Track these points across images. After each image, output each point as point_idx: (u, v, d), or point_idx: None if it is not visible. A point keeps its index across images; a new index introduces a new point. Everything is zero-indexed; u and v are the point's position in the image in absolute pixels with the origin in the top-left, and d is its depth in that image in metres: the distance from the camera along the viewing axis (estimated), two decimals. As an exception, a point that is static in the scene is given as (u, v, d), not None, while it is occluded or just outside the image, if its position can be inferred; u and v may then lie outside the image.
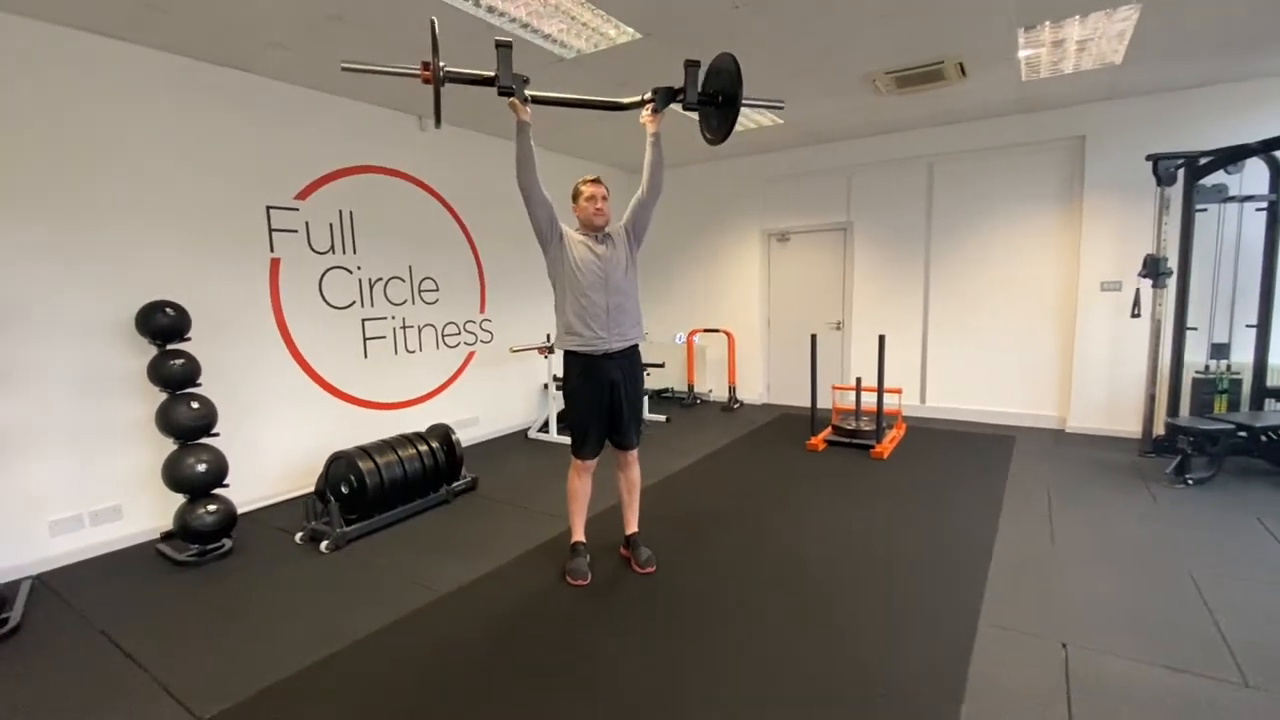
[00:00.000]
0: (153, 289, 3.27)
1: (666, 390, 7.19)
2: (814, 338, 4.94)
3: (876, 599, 2.58)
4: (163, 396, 3.10)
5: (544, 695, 2.02)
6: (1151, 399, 4.46)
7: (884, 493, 3.85)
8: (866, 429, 4.83)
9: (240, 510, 3.65)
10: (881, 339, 4.69)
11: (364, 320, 4.49)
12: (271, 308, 3.93)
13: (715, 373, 7.01)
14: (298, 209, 4.03)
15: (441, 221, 5.05)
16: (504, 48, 2.29)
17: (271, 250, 3.91)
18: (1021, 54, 3.78)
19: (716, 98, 2.49)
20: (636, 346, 2.82)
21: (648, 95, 2.55)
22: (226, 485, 3.19)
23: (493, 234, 5.41)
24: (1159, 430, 4.41)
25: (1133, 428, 4.76)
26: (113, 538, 3.27)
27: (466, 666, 2.20)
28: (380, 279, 4.58)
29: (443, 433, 3.94)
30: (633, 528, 2.99)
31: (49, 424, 3.05)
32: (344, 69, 2.23)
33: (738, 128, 5.26)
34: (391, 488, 3.47)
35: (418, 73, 2.21)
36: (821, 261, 6.35)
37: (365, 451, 3.46)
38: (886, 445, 4.66)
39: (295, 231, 4.03)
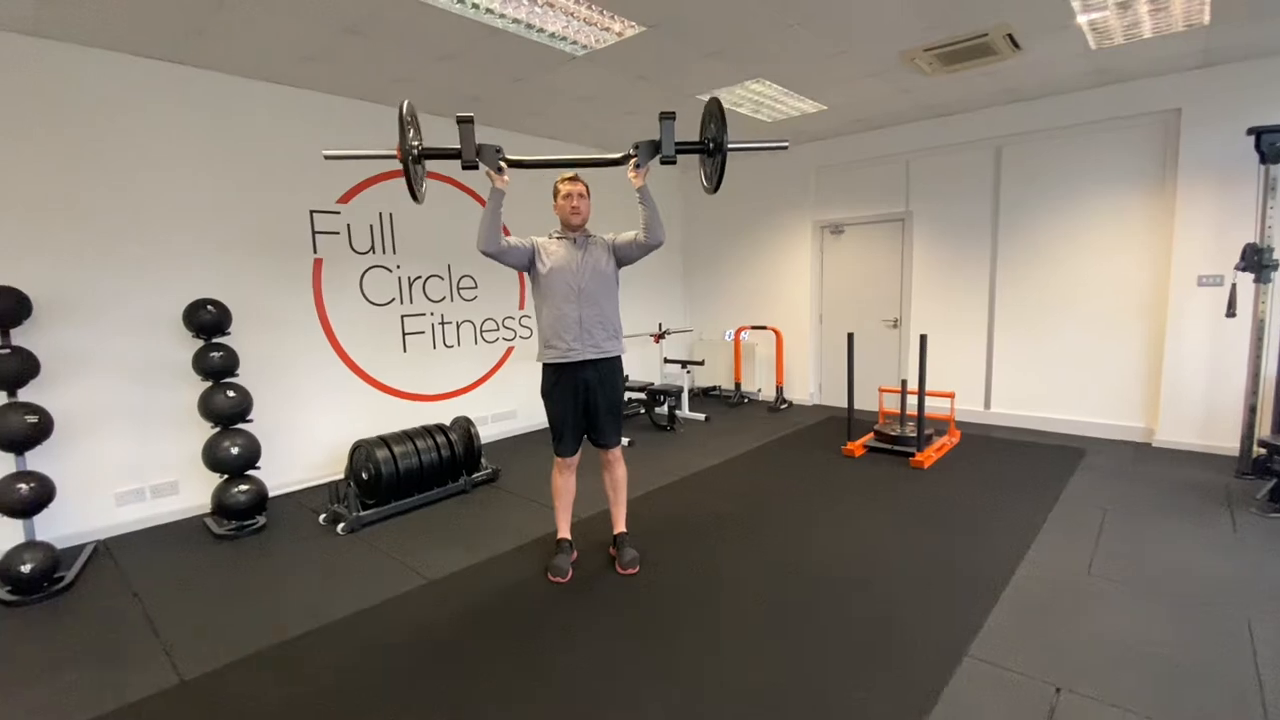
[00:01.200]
0: (204, 288, 3.61)
1: (714, 388, 7.05)
2: (850, 336, 4.66)
3: (862, 617, 2.40)
4: (205, 385, 3.43)
5: (488, 687, 2.05)
6: (1252, 411, 3.84)
7: (911, 505, 3.57)
8: (910, 435, 4.50)
9: (283, 491, 4.02)
10: (923, 339, 4.34)
11: (403, 316, 4.74)
12: (314, 305, 4.24)
13: (765, 371, 6.79)
14: (339, 212, 4.31)
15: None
16: (465, 123, 2.33)
17: (315, 251, 4.21)
18: (1081, 19, 3.35)
19: (707, 145, 2.39)
20: (618, 358, 2.80)
21: (631, 151, 2.48)
22: (258, 467, 3.49)
23: (532, 232, 5.49)
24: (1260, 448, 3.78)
25: (1232, 444, 4.12)
26: (170, 510, 3.67)
27: (422, 653, 2.26)
28: (419, 277, 4.81)
29: (463, 426, 4.08)
30: (620, 527, 2.97)
31: (117, 407, 3.46)
32: (326, 157, 2.36)
33: (779, 115, 5.13)
34: (407, 476, 3.65)
35: (393, 154, 2.28)
36: (877, 255, 5.97)
37: (384, 441, 3.65)
38: (929, 454, 4.32)
39: (337, 234, 4.31)
